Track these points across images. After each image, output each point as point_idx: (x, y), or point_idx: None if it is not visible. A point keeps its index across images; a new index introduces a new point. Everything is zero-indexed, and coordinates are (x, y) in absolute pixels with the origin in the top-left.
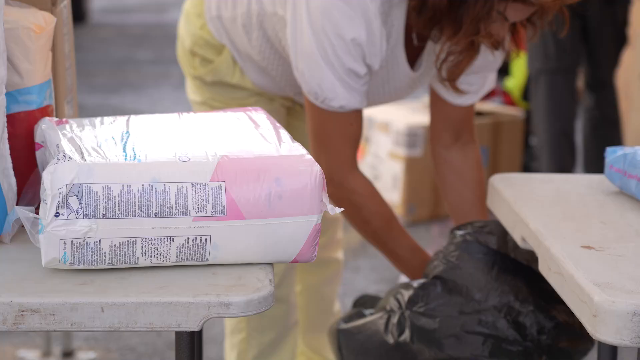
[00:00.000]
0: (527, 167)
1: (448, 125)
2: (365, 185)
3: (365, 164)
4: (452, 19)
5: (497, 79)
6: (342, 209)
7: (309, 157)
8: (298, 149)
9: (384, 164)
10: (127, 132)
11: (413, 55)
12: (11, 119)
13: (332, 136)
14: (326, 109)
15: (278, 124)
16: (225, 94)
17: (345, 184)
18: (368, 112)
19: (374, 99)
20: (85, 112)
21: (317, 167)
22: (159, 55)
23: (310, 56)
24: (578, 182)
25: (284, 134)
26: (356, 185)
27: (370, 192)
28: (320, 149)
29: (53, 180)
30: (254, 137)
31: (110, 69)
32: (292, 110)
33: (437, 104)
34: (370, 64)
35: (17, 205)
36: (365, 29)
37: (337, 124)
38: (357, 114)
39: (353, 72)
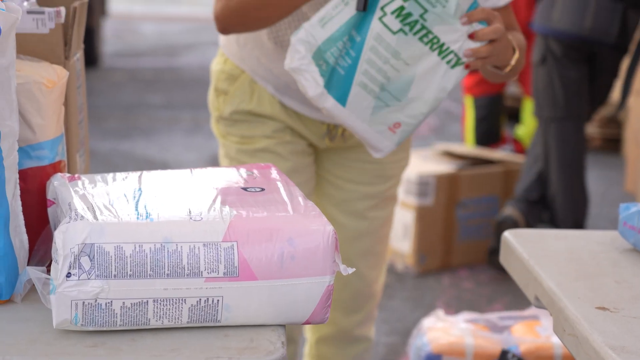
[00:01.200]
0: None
1: None
2: None
3: None
4: None
5: (507, 126)
6: (354, 269)
7: (322, 216)
8: (310, 208)
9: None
10: (140, 189)
11: None
12: (23, 174)
13: None
14: None
15: (290, 181)
16: (246, 130)
17: None
18: None
19: None
20: (96, 157)
21: (329, 227)
22: (170, 99)
23: None
24: (591, 239)
25: (296, 192)
26: None
27: None
28: None
29: (65, 239)
30: (265, 195)
31: (121, 113)
32: (319, 154)
33: None
34: None
35: (28, 262)
36: None
37: None
38: None
39: None
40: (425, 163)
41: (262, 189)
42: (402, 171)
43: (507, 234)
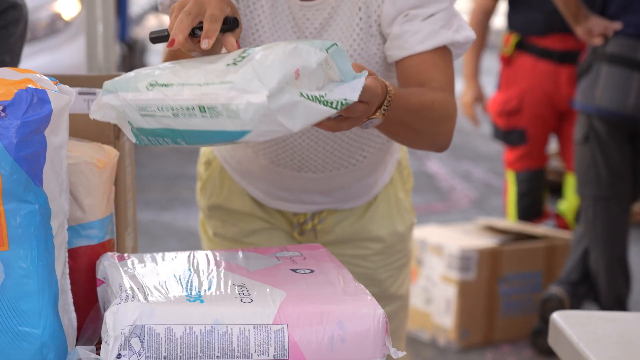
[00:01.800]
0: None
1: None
2: None
3: (418, 287)
4: None
5: (550, 201)
6: (404, 352)
7: (372, 299)
8: (361, 291)
9: (436, 288)
10: (189, 269)
11: None
12: (73, 253)
13: None
14: None
15: (340, 263)
16: (220, 229)
17: None
18: (421, 235)
19: None
20: (138, 228)
21: (380, 311)
22: None
23: None
24: None
25: (346, 274)
26: None
27: None
28: None
29: (116, 320)
30: (315, 277)
31: (162, 184)
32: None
33: (398, 73)
34: None
35: (77, 341)
36: None
37: None
38: None
39: None
40: (467, 237)
41: (312, 271)
42: (402, 271)
43: (556, 316)
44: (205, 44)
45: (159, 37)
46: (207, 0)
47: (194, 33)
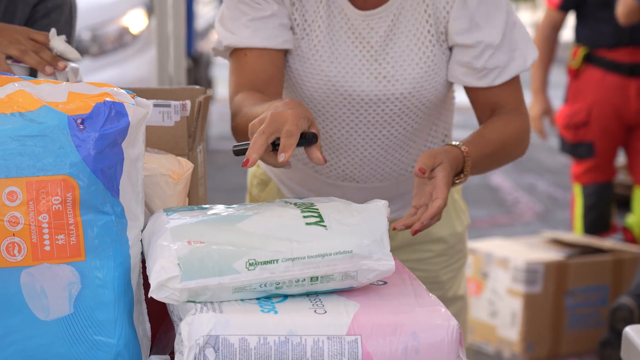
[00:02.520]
0: None
1: (484, 111)
2: None
3: (484, 300)
4: None
5: (617, 215)
6: None
7: (446, 310)
8: (434, 302)
9: (502, 301)
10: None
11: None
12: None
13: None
14: None
15: (412, 275)
16: None
17: None
18: (486, 247)
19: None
20: None
21: (454, 322)
22: None
23: None
24: None
25: (418, 285)
26: None
27: None
28: None
29: (190, 331)
30: (389, 288)
31: (225, 196)
32: None
33: (468, 94)
34: None
35: (150, 351)
36: None
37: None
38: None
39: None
40: (533, 251)
41: (385, 282)
42: (461, 271)
43: (629, 330)
44: (281, 157)
45: (240, 150)
46: (284, 117)
47: (274, 146)
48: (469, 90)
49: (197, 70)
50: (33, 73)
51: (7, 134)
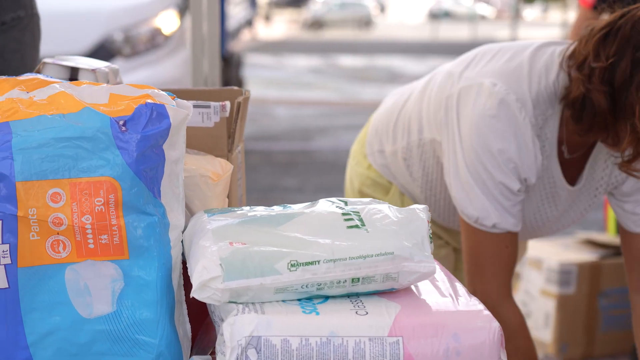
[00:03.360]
0: None
1: (636, 263)
2: (517, 316)
3: (517, 301)
4: (614, 120)
5: None
6: None
7: (487, 312)
8: (475, 304)
9: (535, 302)
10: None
11: (568, 170)
12: (186, 264)
13: (487, 258)
14: (479, 228)
15: (452, 276)
16: None
17: (497, 311)
18: None
19: (531, 223)
20: None
21: (495, 324)
22: (305, 182)
23: (460, 174)
24: None
25: (460, 287)
26: (508, 314)
27: (520, 325)
28: (474, 271)
29: (233, 332)
30: (429, 289)
31: (257, 196)
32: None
33: (624, 238)
34: (527, 177)
35: (191, 352)
36: (515, 143)
37: (491, 245)
38: (512, 237)
39: (505, 187)
40: (566, 252)
41: (425, 283)
42: None
43: None
44: None
45: None
46: None
47: None
48: (625, 235)
49: (228, 70)
50: (73, 74)
51: (50, 135)
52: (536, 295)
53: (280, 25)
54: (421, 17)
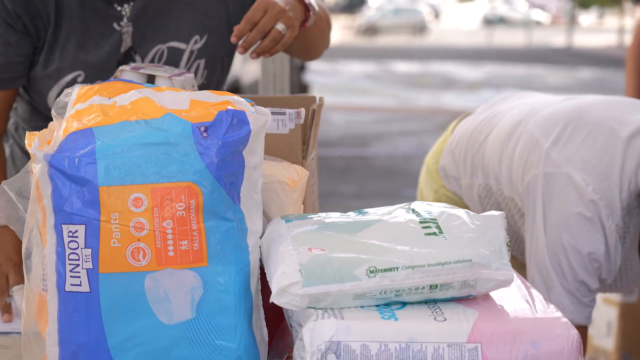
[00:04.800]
0: None
1: None
2: None
3: None
4: None
5: None
6: None
7: (565, 320)
8: (553, 311)
9: (597, 310)
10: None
11: None
12: (263, 270)
13: None
14: None
15: (529, 284)
16: None
17: None
18: None
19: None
20: None
21: (574, 331)
22: (362, 188)
23: (542, 265)
24: None
25: (536, 294)
26: None
27: None
28: None
29: (312, 337)
30: (506, 296)
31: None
32: None
33: None
34: (605, 279)
35: (267, 356)
36: (604, 245)
37: None
38: (583, 332)
39: (585, 285)
40: None
41: (503, 290)
42: None
43: None
44: None
45: None
46: None
47: None
48: None
49: (291, 74)
50: (150, 81)
51: (133, 141)
52: (598, 303)
53: (335, 31)
54: (476, 22)
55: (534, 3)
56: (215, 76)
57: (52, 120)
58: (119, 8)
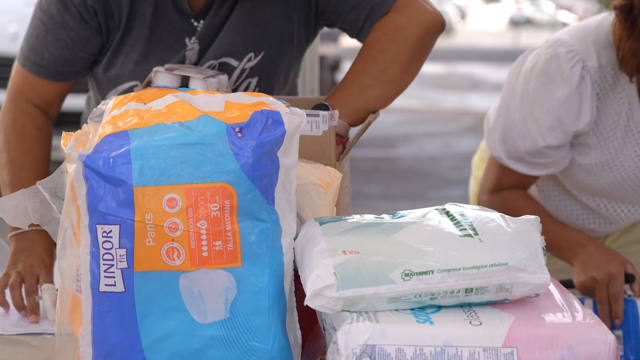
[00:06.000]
0: None
1: None
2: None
3: None
4: None
5: None
6: None
7: (603, 325)
8: (590, 316)
9: None
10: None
11: None
12: (296, 272)
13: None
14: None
15: (564, 287)
16: None
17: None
18: None
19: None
20: None
21: (611, 336)
22: (389, 189)
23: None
24: None
25: (573, 299)
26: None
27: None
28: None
29: (347, 340)
30: (542, 300)
31: None
32: None
33: None
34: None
35: (300, 359)
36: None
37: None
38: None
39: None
40: None
41: (537, 294)
42: None
43: None
44: None
45: None
46: None
47: None
48: None
49: (322, 73)
50: (184, 82)
51: (168, 142)
52: None
53: None
54: (502, 24)
55: (560, 4)
56: (273, 93)
57: None
58: (195, 23)
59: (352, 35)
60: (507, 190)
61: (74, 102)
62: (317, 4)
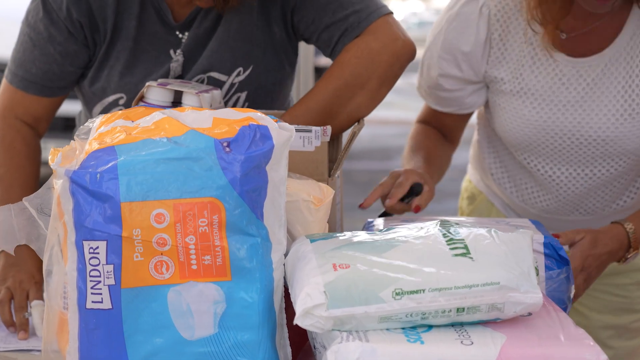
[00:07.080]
0: None
1: None
2: None
3: None
4: None
5: None
6: None
7: (594, 344)
8: (582, 336)
9: None
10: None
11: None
12: (286, 289)
13: None
14: None
15: (557, 307)
16: None
17: None
18: None
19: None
20: None
21: (603, 357)
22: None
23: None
24: None
25: (565, 318)
26: None
27: None
28: None
29: (337, 359)
30: (534, 320)
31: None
32: None
33: None
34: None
35: None
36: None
37: None
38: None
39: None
40: None
41: (530, 313)
42: None
43: None
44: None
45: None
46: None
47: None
48: None
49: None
50: (177, 97)
51: (155, 157)
52: None
53: None
54: None
55: None
56: (265, 107)
57: None
58: (180, 35)
59: (325, 54)
60: (421, 124)
61: (74, 108)
62: (292, 20)
